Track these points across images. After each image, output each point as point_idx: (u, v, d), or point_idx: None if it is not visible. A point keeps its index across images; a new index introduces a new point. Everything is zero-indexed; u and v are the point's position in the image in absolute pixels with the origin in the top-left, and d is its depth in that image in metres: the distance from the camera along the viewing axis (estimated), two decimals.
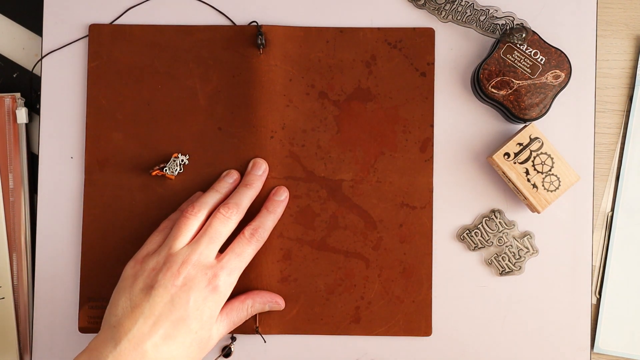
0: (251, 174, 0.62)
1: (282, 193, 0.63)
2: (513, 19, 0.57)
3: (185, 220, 0.58)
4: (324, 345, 0.63)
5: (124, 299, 0.55)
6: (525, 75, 0.61)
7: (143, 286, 0.55)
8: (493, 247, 0.64)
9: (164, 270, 0.55)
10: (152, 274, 0.56)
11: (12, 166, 0.64)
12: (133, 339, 0.53)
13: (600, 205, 0.65)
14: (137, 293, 0.55)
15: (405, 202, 0.64)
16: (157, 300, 0.54)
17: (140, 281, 0.56)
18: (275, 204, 0.62)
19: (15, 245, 0.64)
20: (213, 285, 0.56)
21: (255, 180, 0.62)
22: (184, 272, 0.55)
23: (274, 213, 0.62)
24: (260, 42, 0.63)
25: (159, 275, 0.55)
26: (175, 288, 0.55)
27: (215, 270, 0.56)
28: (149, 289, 0.55)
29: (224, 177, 0.62)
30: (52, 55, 0.64)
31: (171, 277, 0.55)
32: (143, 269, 0.56)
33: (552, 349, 0.63)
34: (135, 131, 0.64)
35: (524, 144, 0.61)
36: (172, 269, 0.55)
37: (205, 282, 0.56)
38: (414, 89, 0.64)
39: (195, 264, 0.56)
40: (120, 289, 0.56)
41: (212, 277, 0.56)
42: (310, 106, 0.64)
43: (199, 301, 0.55)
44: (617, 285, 0.64)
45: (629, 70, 0.66)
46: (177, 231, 0.57)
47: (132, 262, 0.58)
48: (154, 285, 0.55)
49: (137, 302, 0.55)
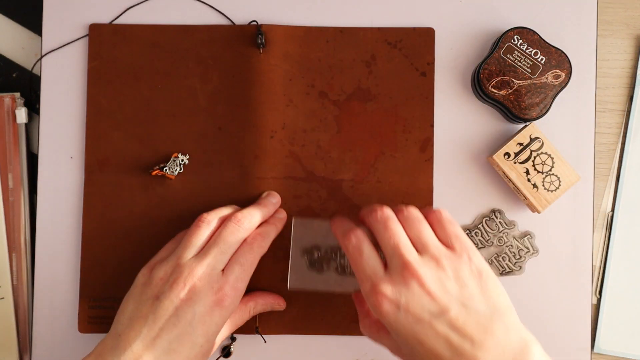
0: (266, 199, 0.62)
1: (281, 212, 0.62)
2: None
3: (196, 229, 0.57)
4: (324, 345, 0.63)
5: (131, 306, 0.55)
6: (526, 75, 0.61)
7: (149, 296, 0.54)
8: (493, 247, 0.64)
9: (171, 281, 0.54)
10: (160, 284, 0.55)
11: (12, 166, 0.64)
12: (134, 352, 0.52)
13: (601, 205, 0.65)
14: (144, 302, 0.54)
15: (405, 202, 0.63)
16: (161, 312, 0.53)
17: (148, 290, 0.55)
18: (276, 219, 0.61)
19: (14, 245, 0.64)
20: (218, 299, 0.54)
21: (268, 204, 0.62)
22: (189, 284, 0.54)
23: (275, 225, 0.61)
24: (260, 41, 0.63)
25: (165, 286, 0.54)
26: (180, 301, 0.54)
27: (221, 284, 0.55)
28: (155, 300, 0.54)
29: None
30: (52, 55, 0.64)
31: (176, 289, 0.54)
32: (152, 277, 0.56)
33: (552, 349, 0.63)
34: (135, 131, 0.64)
35: (524, 143, 0.61)
36: (178, 280, 0.54)
37: (211, 295, 0.54)
38: (414, 88, 0.64)
39: (202, 276, 0.55)
40: (130, 296, 0.56)
41: (218, 290, 0.55)
42: (310, 106, 0.64)
43: (204, 315, 0.54)
44: (617, 285, 0.64)
45: (629, 70, 0.65)
46: (188, 240, 0.57)
47: (145, 269, 0.57)
48: (159, 296, 0.54)
49: (143, 311, 0.54)
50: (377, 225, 0.53)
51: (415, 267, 0.51)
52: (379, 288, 0.51)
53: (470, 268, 0.52)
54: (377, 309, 0.51)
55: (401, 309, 0.50)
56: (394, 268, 0.51)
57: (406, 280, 0.50)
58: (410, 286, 0.50)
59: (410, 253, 0.52)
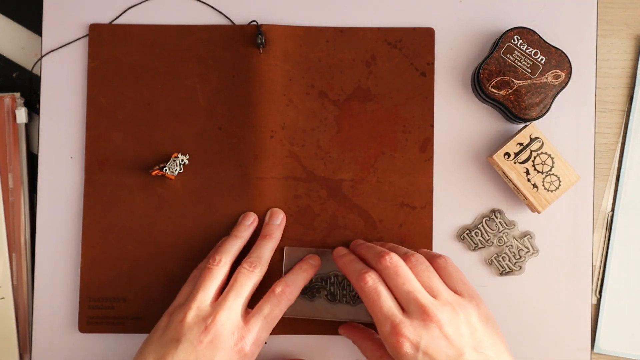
0: (270, 225, 0.62)
1: (315, 258, 0.62)
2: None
3: (209, 272, 0.57)
4: (324, 345, 0.63)
5: (152, 349, 0.55)
6: (526, 75, 0.61)
7: (170, 338, 0.54)
8: (493, 247, 0.64)
9: (192, 324, 0.54)
10: (179, 327, 0.55)
11: (12, 166, 0.64)
12: None
13: (601, 205, 0.65)
14: (164, 344, 0.54)
15: (405, 202, 0.64)
16: (181, 355, 0.53)
17: (168, 333, 0.55)
18: (309, 265, 0.61)
19: (14, 245, 0.64)
20: (239, 349, 0.55)
21: (274, 230, 0.62)
22: (212, 329, 0.54)
23: (307, 272, 0.61)
24: (260, 41, 0.63)
25: (186, 329, 0.54)
26: (202, 345, 0.54)
27: (242, 333, 0.55)
28: (176, 343, 0.54)
29: (242, 220, 0.62)
30: (52, 55, 0.64)
31: (198, 333, 0.54)
32: (172, 320, 0.56)
33: (552, 349, 0.63)
34: (135, 131, 0.64)
35: (524, 143, 0.61)
36: (200, 325, 0.54)
37: (233, 342, 0.54)
38: (414, 88, 0.64)
39: (224, 322, 0.55)
40: (149, 339, 0.56)
41: (239, 339, 0.55)
42: (310, 106, 0.64)
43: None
44: (617, 285, 0.64)
45: (629, 70, 0.65)
46: (202, 283, 0.57)
47: (164, 315, 0.57)
48: (180, 339, 0.54)
49: (163, 353, 0.54)
50: (387, 271, 0.55)
51: (434, 311, 0.52)
52: (400, 329, 0.52)
53: (479, 314, 0.54)
54: (397, 350, 0.52)
55: (420, 351, 0.52)
56: (412, 311, 0.53)
57: (426, 323, 0.52)
58: (429, 329, 0.52)
59: (425, 297, 0.53)
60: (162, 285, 0.63)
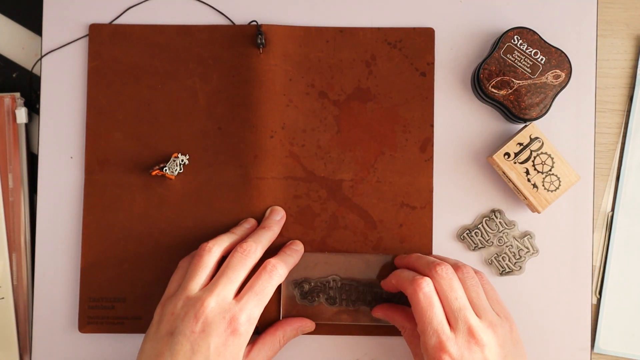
0: (269, 218, 0.62)
1: (298, 244, 0.63)
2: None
3: (199, 259, 0.57)
4: (324, 345, 0.63)
5: (149, 345, 0.55)
6: (526, 75, 0.61)
7: (164, 332, 0.54)
8: (493, 247, 0.64)
9: (182, 315, 0.54)
10: (172, 319, 0.55)
11: (12, 166, 0.64)
12: None
13: (601, 205, 0.65)
14: (159, 340, 0.54)
15: (405, 202, 0.64)
16: (177, 348, 0.53)
17: (162, 327, 0.55)
18: (292, 251, 0.62)
19: (14, 245, 0.64)
20: (233, 329, 0.54)
21: (273, 224, 0.62)
22: (201, 317, 0.54)
23: (292, 256, 0.61)
24: (260, 41, 0.63)
25: (177, 321, 0.54)
26: (194, 335, 0.53)
27: (233, 312, 0.55)
28: (170, 335, 0.54)
29: (242, 223, 0.62)
30: (52, 55, 0.64)
31: (189, 323, 0.54)
32: (164, 313, 0.56)
33: (552, 349, 0.63)
34: (135, 131, 0.64)
35: (524, 143, 0.61)
36: (190, 314, 0.54)
37: (224, 325, 0.54)
38: (413, 88, 0.64)
39: (214, 307, 0.54)
40: (147, 336, 0.56)
41: (231, 319, 0.54)
42: (310, 106, 0.64)
43: (220, 346, 0.54)
44: (617, 285, 0.64)
45: (629, 70, 0.65)
46: (193, 270, 0.57)
47: (158, 307, 0.57)
48: (173, 331, 0.54)
49: (160, 349, 0.54)
50: (441, 281, 0.56)
51: (480, 334, 0.54)
52: (445, 345, 0.53)
53: (512, 338, 0.56)
54: None
55: None
56: (460, 330, 0.54)
57: (470, 345, 0.54)
58: (472, 351, 0.54)
59: (473, 318, 0.55)
60: (162, 285, 0.63)
